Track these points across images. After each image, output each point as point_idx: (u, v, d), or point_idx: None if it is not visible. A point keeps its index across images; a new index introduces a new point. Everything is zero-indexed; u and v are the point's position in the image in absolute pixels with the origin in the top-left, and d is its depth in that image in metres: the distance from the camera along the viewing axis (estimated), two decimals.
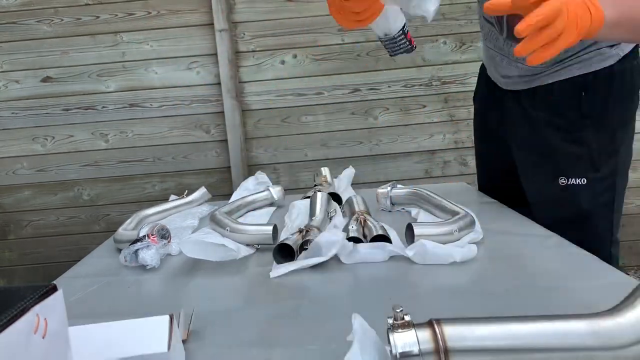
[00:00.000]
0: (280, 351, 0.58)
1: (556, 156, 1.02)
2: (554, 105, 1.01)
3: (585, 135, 0.99)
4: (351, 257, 0.85)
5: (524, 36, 0.63)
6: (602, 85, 0.97)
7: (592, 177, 1.00)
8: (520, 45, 0.65)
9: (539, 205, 1.07)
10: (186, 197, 1.33)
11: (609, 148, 0.99)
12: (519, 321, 0.46)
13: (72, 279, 0.89)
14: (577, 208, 1.01)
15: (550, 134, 1.02)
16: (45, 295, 0.37)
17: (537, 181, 1.07)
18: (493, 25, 1.02)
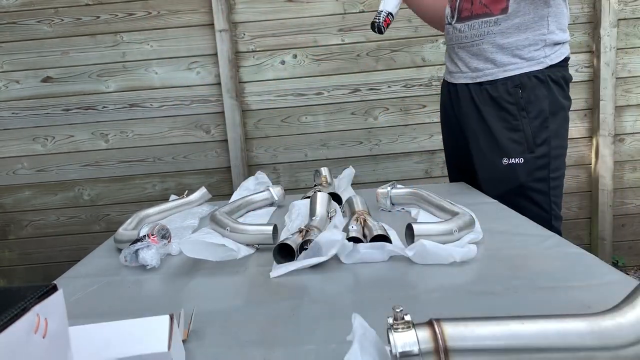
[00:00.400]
0: (280, 351, 0.58)
1: (500, 141, 1.25)
2: (499, 101, 1.25)
3: (522, 124, 1.23)
4: (351, 257, 0.85)
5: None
6: (534, 86, 1.21)
7: (528, 158, 1.23)
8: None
9: (488, 181, 1.29)
10: (186, 197, 1.33)
11: (542, 134, 1.22)
12: (519, 321, 0.46)
13: (72, 279, 0.89)
14: (516, 182, 1.25)
15: (496, 124, 1.26)
16: (45, 295, 0.38)
17: (486, 161, 1.29)
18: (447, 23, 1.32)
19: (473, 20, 1.24)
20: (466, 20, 1.26)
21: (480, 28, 1.23)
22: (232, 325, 0.66)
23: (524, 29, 1.20)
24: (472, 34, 1.25)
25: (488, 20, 1.21)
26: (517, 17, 1.19)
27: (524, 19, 1.19)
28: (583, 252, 0.84)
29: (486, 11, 1.21)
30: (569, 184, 2.50)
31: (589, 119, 2.44)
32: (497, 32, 1.21)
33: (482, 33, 1.23)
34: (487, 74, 1.26)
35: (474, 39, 1.25)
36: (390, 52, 2.36)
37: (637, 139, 2.46)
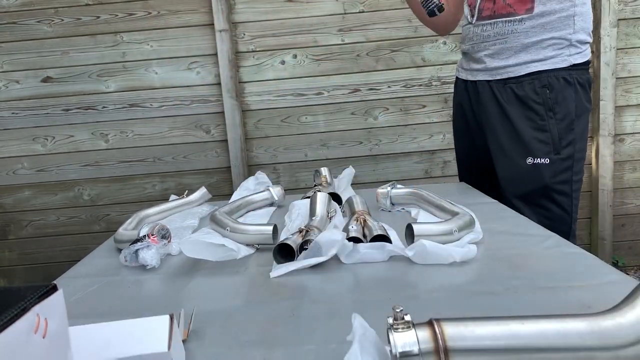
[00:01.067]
0: (280, 351, 0.58)
1: (526, 140, 1.24)
2: (525, 100, 1.24)
3: (549, 125, 1.22)
4: (351, 257, 0.85)
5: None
6: (562, 88, 1.21)
7: (554, 159, 1.22)
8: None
9: (510, 180, 1.27)
10: (186, 197, 1.33)
11: (568, 136, 1.23)
12: (519, 321, 0.46)
13: (72, 279, 0.89)
14: (541, 182, 1.23)
15: (522, 123, 1.24)
16: (45, 295, 0.38)
17: (508, 160, 1.27)
18: (466, 24, 1.32)
19: (496, 19, 1.24)
20: (488, 19, 1.25)
21: (504, 27, 1.23)
22: (232, 325, 0.66)
23: (550, 29, 1.20)
24: (495, 33, 1.24)
25: (512, 20, 1.21)
26: (543, 17, 1.19)
27: (549, 18, 1.19)
28: (583, 252, 0.84)
29: (510, 11, 1.21)
30: None
31: (589, 119, 2.44)
32: (522, 31, 1.21)
33: (505, 32, 1.23)
34: (509, 71, 1.25)
35: (497, 38, 1.25)
36: (390, 52, 2.36)
37: (637, 139, 2.46)
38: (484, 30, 1.27)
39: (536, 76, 1.22)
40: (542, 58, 1.22)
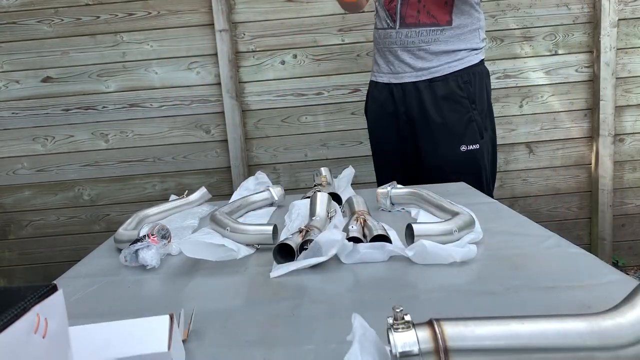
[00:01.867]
0: (280, 351, 0.58)
1: (457, 130, 1.44)
2: (452, 96, 1.44)
3: (473, 115, 1.45)
4: (351, 257, 0.85)
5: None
6: (475, 80, 1.45)
7: (481, 143, 1.45)
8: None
9: (446, 167, 1.43)
10: (186, 197, 1.33)
11: (485, 123, 1.48)
12: (519, 321, 0.46)
13: (72, 279, 0.89)
14: (475, 165, 1.46)
15: (453, 117, 1.45)
16: (45, 295, 0.38)
17: (442, 150, 1.45)
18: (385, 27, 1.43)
19: (421, 27, 1.41)
20: (413, 27, 1.41)
21: (428, 35, 1.40)
22: (232, 325, 0.66)
23: (463, 39, 1.43)
24: (420, 40, 1.41)
25: (435, 29, 1.40)
26: (459, 28, 1.41)
27: (463, 30, 1.42)
28: (583, 252, 0.84)
29: (434, 21, 1.40)
30: (568, 184, 2.50)
31: (589, 119, 2.44)
32: (443, 39, 1.40)
33: (429, 40, 1.41)
34: (433, 71, 1.44)
35: (421, 44, 1.42)
36: None
37: (637, 139, 2.46)
38: (408, 36, 1.42)
39: (458, 74, 1.44)
40: (459, 58, 1.44)
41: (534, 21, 2.35)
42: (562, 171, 2.49)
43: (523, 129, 2.44)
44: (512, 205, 2.41)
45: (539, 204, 2.51)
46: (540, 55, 2.38)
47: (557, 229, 1.14)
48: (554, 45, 2.38)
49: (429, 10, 1.40)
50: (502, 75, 2.39)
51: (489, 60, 2.37)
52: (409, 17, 1.41)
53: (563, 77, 2.40)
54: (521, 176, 2.49)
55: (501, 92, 2.40)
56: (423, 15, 1.39)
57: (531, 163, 2.48)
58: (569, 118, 2.44)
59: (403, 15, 1.40)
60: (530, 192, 2.50)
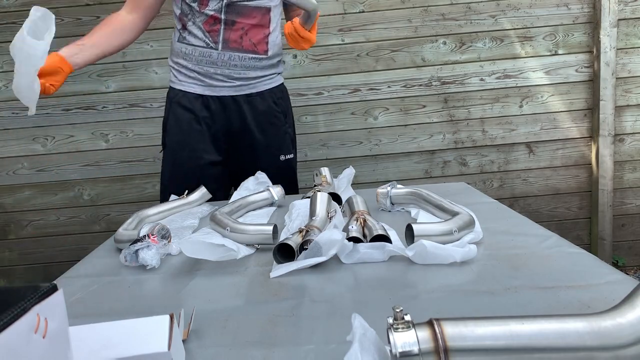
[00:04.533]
0: (280, 351, 0.58)
1: (277, 141, 1.61)
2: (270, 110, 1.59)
3: (287, 128, 1.64)
4: (351, 257, 0.85)
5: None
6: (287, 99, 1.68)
7: (293, 152, 1.66)
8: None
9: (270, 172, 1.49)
10: (186, 197, 1.33)
11: (293, 135, 1.68)
12: (518, 321, 0.46)
13: (72, 279, 0.89)
14: (291, 170, 1.64)
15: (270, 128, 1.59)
16: (45, 295, 0.38)
17: (267, 158, 1.58)
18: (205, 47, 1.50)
19: (243, 53, 1.50)
20: (236, 52, 1.50)
21: (250, 62, 1.52)
22: (232, 325, 0.66)
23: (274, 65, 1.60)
24: (242, 64, 1.51)
25: (255, 57, 1.52)
26: (272, 59, 1.57)
27: (275, 60, 1.59)
28: (583, 252, 0.84)
29: (255, 49, 1.51)
30: (568, 184, 2.51)
31: (589, 119, 2.44)
32: (260, 66, 1.54)
33: (250, 65, 1.52)
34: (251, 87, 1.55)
35: (243, 68, 1.52)
36: (390, 52, 2.36)
37: (637, 139, 2.46)
38: (231, 59, 1.50)
39: (272, 90, 1.59)
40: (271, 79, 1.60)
41: (534, 21, 2.35)
42: (562, 171, 2.49)
43: (523, 129, 2.44)
44: (512, 205, 2.41)
45: (539, 204, 2.51)
46: (540, 55, 2.38)
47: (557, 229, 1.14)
48: (554, 45, 2.38)
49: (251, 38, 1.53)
50: (502, 75, 2.39)
51: (489, 60, 2.38)
52: (233, 42, 1.50)
53: (563, 77, 2.40)
54: (521, 176, 2.49)
55: (501, 92, 2.40)
56: (246, 43, 1.50)
57: (531, 163, 2.48)
58: (569, 118, 2.44)
59: (226, 39, 1.49)
60: (530, 192, 2.50)
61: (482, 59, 2.38)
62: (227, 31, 1.48)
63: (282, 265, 0.84)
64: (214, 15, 1.46)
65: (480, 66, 2.38)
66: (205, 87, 1.54)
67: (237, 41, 1.49)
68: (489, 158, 2.46)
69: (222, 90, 1.53)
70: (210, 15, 1.47)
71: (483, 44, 2.37)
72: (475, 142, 2.44)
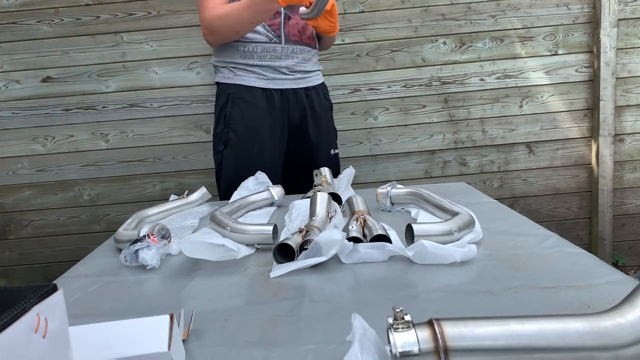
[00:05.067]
0: (280, 351, 0.58)
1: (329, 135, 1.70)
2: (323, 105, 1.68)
3: (333, 123, 1.75)
4: (351, 257, 0.85)
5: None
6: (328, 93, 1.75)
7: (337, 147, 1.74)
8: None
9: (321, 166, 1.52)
10: (186, 197, 1.33)
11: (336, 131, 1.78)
12: (518, 321, 0.46)
13: (72, 279, 0.89)
14: (338, 165, 1.71)
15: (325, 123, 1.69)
16: (45, 295, 0.38)
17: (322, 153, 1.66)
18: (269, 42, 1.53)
19: (304, 46, 1.58)
20: (297, 45, 1.57)
21: (308, 54, 1.60)
22: (232, 325, 0.66)
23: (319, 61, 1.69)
24: (303, 57, 1.59)
25: (311, 51, 1.61)
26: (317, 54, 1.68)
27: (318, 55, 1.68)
28: (583, 252, 0.84)
29: (310, 43, 1.60)
30: (568, 184, 2.51)
31: (589, 119, 2.44)
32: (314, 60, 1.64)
33: (307, 58, 1.60)
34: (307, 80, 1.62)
35: (302, 62, 1.59)
36: (390, 52, 2.36)
37: (637, 139, 2.46)
38: (294, 52, 1.56)
39: (322, 85, 1.69)
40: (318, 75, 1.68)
41: (534, 21, 2.35)
42: (562, 171, 2.49)
43: (523, 129, 2.44)
44: (512, 205, 2.41)
45: (539, 204, 2.51)
46: (540, 55, 2.38)
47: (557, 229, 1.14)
48: (554, 45, 2.38)
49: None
50: (502, 75, 2.39)
51: (489, 60, 2.38)
52: (293, 36, 1.55)
53: (563, 77, 2.40)
54: (521, 176, 2.49)
55: (501, 92, 2.40)
56: (304, 36, 1.58)
57: (531, 163, 2.48)
58: (569, 118, 2.44)
59: (287, 33, 1.54)
60: (530, 192, 2.50)
61: (482, 59, 2.38)
62: (286, 25, 1.54)
63: (282, 265, 0.84)
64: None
65: (480, 66, 2.38)
66: (269, 80, 1.57)
67: (296, 35, 1.55)
68: (489, 158, 2.46)
69: (284, 83, 1.58)
70: None
71: (483, 44, 2.37)
72: (475, 142, 2.44)
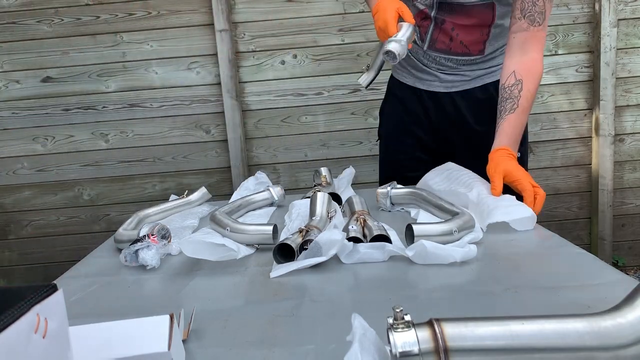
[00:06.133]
0: (280, 351, 0.58)
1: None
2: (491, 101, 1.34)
3: None
4: (351, 257, 0.85)
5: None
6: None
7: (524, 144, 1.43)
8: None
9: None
10: (186, 197, 1.33)
11: None
12: (518, 321, 0.46)
13: (72, 279, 0.89)
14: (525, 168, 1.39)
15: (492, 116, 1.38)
16: (45, 295, 0.37)
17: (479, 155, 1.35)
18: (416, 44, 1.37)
19: (452, 55, 1.36)
20: (443, 53, 1.37)
21: (458, 63, 1.37)
22: (232, 325, 0.66)
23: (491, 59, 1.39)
24: (450, 65, 1.38)
25: (467, 59, 1.36)
26: (491, 56, 1.37)
27: (495, 54, 1.38)
28: (583, 252, 0.84)
29: (466, 51, 1.35)
30: (568, 184, 2.50)
31: (589, 119, 2.44)
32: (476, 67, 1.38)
33: (460, 64, 1.37)
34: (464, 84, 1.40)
35: (452, 67, 1.38)
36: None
37: (637, 139, 2.46)
38: (437, 58, 1.38)
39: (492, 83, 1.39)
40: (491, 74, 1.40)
41: None
42: (562, 171, 2.49)
43: None
44: None
45: None
46: None
47: (557, 229, 1.14)
48: (554, 45, 2.37)
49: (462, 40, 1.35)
50: None
51: None
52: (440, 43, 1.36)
53: (563, 77, 2.40)
54: None
55: None
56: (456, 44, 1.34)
57: (531, 163, 2.48)
58: (569, 118, 2.44)
59: (434, 38, 1.35)
60: None
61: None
62: (436, 31, 1.34)
63: (282, 265, 0.84)
64: (424, 10, 1.33)
65: None
66: (416, 80, 1.44)
67: (445, 43, 1.35)
68: None
69: (431, 85, 1.42)
70: (421, 10, 1.34)
71: None
72: None
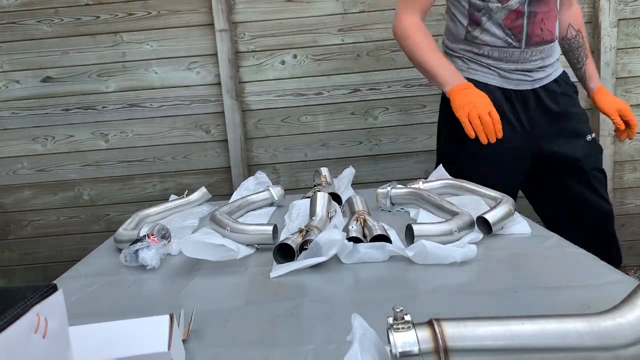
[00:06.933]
0: (280, 351, 0.58)
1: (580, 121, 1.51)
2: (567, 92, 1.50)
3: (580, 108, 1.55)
4: (351, 257, 0.85)
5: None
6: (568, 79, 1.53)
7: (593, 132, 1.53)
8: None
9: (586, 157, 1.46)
10: (186, 197, 1.33)
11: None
12: (518, 321, 0.46)
13: (72, 279, 0.89)
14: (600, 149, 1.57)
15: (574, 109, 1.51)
16: (45, 295, 0.38)
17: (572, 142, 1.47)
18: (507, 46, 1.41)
19: (543, 45, 1.41)
20: (537, 46, 1.40)
21: (545, 51, 1.42)
22: (232, 325, 0.66)
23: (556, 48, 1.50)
24: (539, 57, 1.42)
25: (551, 46, 1.43)
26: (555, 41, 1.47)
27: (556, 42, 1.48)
28: (583, 252, 0.84)
29: (552, 37, 1.42)
30: None
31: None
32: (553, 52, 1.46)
33: (544, 53, 1.42)
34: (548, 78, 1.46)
35: (539, 57, 1.42)
36: (390, 52, 2.36)
37: (637, 139, 2.46)
38: (533, 55, 1.41)
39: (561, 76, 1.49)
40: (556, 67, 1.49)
41: None
42: None
43: None
44: None
45: None
46: None
47: None
48: None
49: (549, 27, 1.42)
50: None
51: None
52: (535, 37, 1.39)
53: None
54: None
55: None
56: (545, 32, 1.40)
57: None
58: None
59: (530, 35, 1.38)
60: None
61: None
62: (530, 25, 1.37)
63: (282, 265, 0.84)
64: (518, 9, 1.34)
65: None
66: (503, 79, 1.44)
67: (539, 34, 1.39)
68: None
69: (519, 84, 1.44)
70: (514, 10, 1.35)
71: None
72: None
